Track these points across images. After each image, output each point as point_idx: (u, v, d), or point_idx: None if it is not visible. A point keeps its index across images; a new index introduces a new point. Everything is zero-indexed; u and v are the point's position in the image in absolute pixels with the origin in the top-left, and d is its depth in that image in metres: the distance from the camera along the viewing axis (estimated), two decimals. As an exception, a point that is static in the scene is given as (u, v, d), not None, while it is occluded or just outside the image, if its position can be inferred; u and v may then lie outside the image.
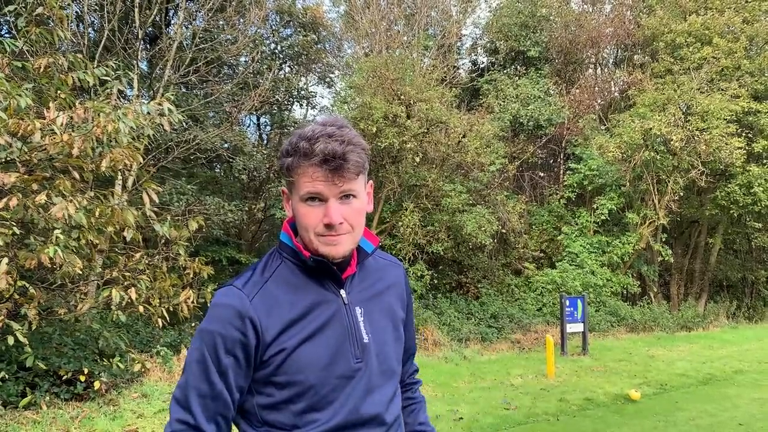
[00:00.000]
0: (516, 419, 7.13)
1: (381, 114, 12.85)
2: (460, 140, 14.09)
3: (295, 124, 16.13)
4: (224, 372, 1.33)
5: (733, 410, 7.74)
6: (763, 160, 18.97)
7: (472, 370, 10.04)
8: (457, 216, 14.06)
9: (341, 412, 1.37)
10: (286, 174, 1.37)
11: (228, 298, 1.35)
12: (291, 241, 1.43)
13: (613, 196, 18.19)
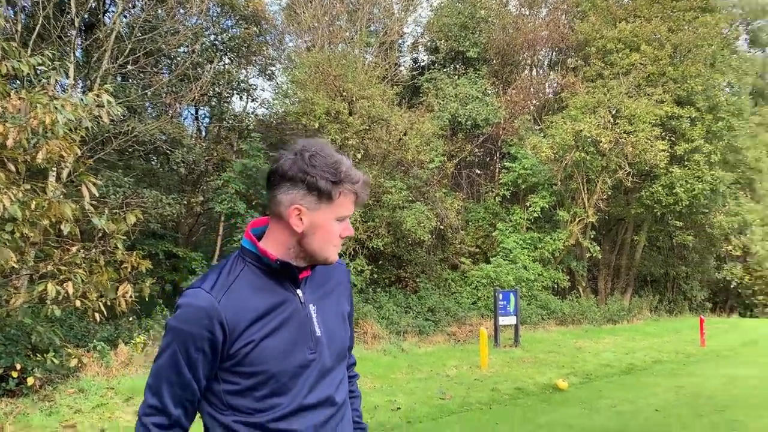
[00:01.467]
0: (451, 408, 7.44)
1: (323, 110, 12.96)
2: (401, 138, 14.36)
3: (235, 117, 15.99)
4: (193, 365, 1.50)
5: (651, 397, 8.31)
6: (685, 162, 20.09)
7: (409, 362, 10.34)
8: (397, 212, 14.32)
9: (299, 397, 1.56)
10: (322, 196, 1.54)
11: (198, 300, 1.51)
12: (255, 247, 1.59)
13: (546, 195, 18.87)
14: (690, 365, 11.29)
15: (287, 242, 1.58)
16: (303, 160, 1.53)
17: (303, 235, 1.56)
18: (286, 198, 1.55)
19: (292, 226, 1.55)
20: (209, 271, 1.61)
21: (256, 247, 1.58)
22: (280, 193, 1.55)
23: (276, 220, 1.60)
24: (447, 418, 7.04)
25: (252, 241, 1.60)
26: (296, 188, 1.53)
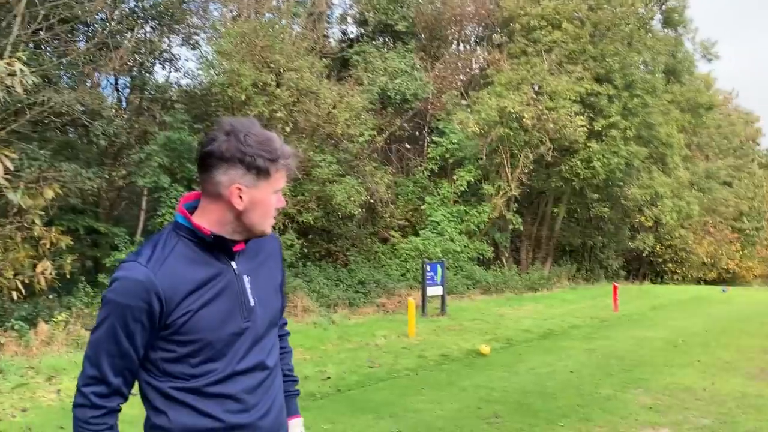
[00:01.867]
0: (379, 376, 7.69)
1: (250, 82, 12.77)
2: (331, 111, 14.34)
3: (158, 88, 15.47)
4: (131, 336, 1.55)
5: (566, 360, 8.84)
6: (602, 138, 21.01)
7: (339, 334, 10.52)
8: (327, 186, 14.37)
9: (232, 363, 1.64)
10: (260, 173, 1.61)
11: (135, 273, 1.55)
12: (189, 222, 1.64)
13: (472, 169, 19.37)
14: (603, 329, 12.04)
15: (225, 219, 1.64)
16: (238, 141, 1.58)
17: (243, 212, 1.62)
18: (226, 178, 1.59)
19: (233, 204, 1.61)
20: (143, 245, 1.65)
21: (190, 221, 1.64)
22: (219, 173, 1.59)
23: (212, 199, 1.63)
24: (375, 385, 7.28)
25: (185, 216, 1.65)
26: (235, 168, 1.58)
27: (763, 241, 37.62)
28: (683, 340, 10.62)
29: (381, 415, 5.92)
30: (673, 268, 30.76)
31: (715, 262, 31.57)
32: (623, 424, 5.63)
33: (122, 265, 1.59)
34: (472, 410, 6.13)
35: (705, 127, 31.31)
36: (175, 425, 1.60)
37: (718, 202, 31.66)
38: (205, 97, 14.97)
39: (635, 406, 6.27)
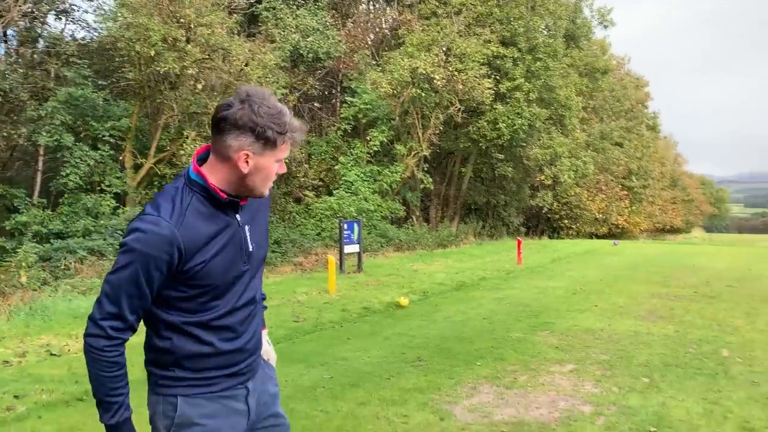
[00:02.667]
0: (306, 329, 7.93)
1: (159, 37, 12.30)
2: (243, 68, 14.07)
3: (56, 41, 14.51)
4: (150, 281, 1.74)
5: (479, 308, 9.44)
6: (507, 100, 21.85)
7: (260, 292, 10.63)
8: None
9: (232, 300, 1.90)
10: (268, 143, 1.77)
11: (160, 228, 1.72)
12: (206, 182, 1.81)
13: (385, 129, 19.65)
14: (510, 280, 12.85)
15: (230, 179, 1.81)
16: (252, 111, 1.73)
17: (247, 175, 1.80)
18: (236, 143, 1.75)
19: (239, 167, 1.78)
20: (160, 200, 1.80)
21: (206, 182, 1.81)
22: (230, 138, 1.75)
23: (221, 159, 1.80)
24: (303, 338, 7.53)
25: (202, 177, 1.82)
26: (245, 136, 1.74)
27: (649, 198, 40.69)
28: (581, 288, 11.57)
29: (311, 364, 6.19)
30: (568, 224, 32.77)
31: (606, 217, 33.86)
32: (533, 362, 6.20)
33: (146, 218, 1.75)
34: (397, 356, 6.52)
35: (600, 91, 33.12)
36: (177, 349, 1.84)
37: (611, 161, 33.83)
38: (109, 52, 14.24)
39: (543, 346, 6.89)
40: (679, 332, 7.56)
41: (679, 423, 4.46)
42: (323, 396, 5.14)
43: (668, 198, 48.10)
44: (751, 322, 8.25)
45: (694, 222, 59.64)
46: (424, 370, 5.91)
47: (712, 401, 4.94)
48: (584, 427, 4.40)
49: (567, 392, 5.21)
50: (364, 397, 5.10)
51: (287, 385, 5.44)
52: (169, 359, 1.85)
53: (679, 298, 10.29)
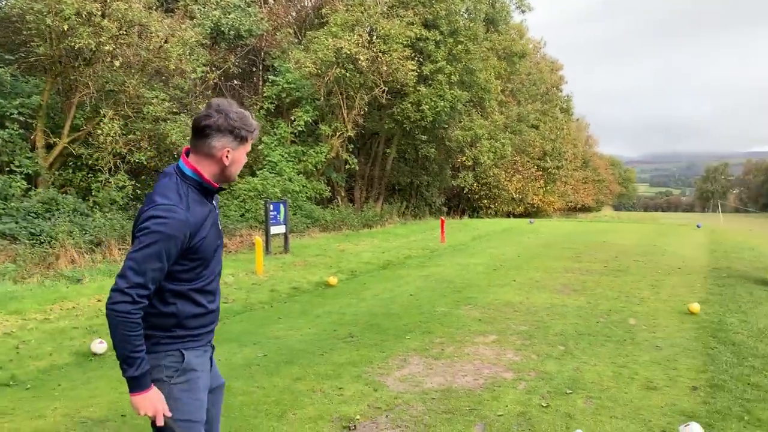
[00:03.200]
0: (235, 310, 7.96)
1: (73, 10, 11.73)
2: (162, 45, 13.64)
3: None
4: (169, 257, 2.19)
5: (405, 285, 9.73)
6: (430, 82, 22.22)
7: (186, 274, 10.49)
8: (160, 124, 13.81)
9: (214, 270, 2.42)
10: (242, 141, 2.33)
11: (179, 214, 2.19)
12: (200, 177, 2.31)
13: (309, 109, 19.56)
14: (434, 258, 13.25)
15: (214, 171, 2.34)
16: (228, 117, 2.27)
17: (227, 167, 2.35)
18: (219, 144, 2.29)
19: (222, 161, 2.32)
20: (166, 191, 2.23)
21: (202, 178, 2.31)
22: (215, 140, 2.28)
23: (204, 157, 2.31)
24: (233, 318, 7.56)
25: (197, 173, 2.31)
26: (226, 137, 2.29)
27: (563, 179, 42.45)
28: (501, 264, 12.10)
29: (244, 343, 6.26)
30: (488, 204, 33.82)
31: (522, 197, 35.16)
32: (459, 334, 6.52)
33: (162, 206, 2.18)
34: (329, 333, 6.69)
35: (518, 74, 34.17)
36: (180, 312, 2.30)
37: (527, 143, 35.04)
38: (15, 25, 13.43)
39: (467, 319, 7.24)
40: (590, 303, 8.12)
41: (591, 385, 4.87)
42: (258, 373, 5.24)
43: (580, 178, 50.38)
44: (656, 293, 8.94)
45: (604, 201, 62.82)
46: (356, 346, 6.11)
47: (621, 365, 5.41)
48: (507, 392, 4.73)
49: (490, 361, 5.55)
50: (299, 373, 5.24)
51: (221, 364, 5.50)
52: (172, 321, 2.30)
53: (590, 272, 10.98)
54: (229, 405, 4.44)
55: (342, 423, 4.14)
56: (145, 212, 2.18)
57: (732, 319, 7.18)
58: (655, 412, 4.30)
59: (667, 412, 4.29)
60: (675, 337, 6.37)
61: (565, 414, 4.26)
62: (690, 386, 4.83)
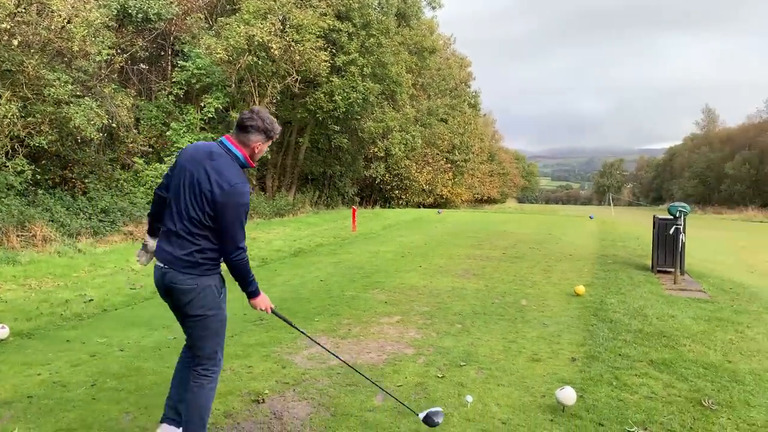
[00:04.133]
0: (144, 295, 7.94)
1: (-35, -17, 11.10)
2: (65, 26, 13.12)
3: None
4: None
5: (316, 272, 10.00)
6: (343, 73, 22.45)
7: (90, 261, 10.26)
8: (62, 108, 13.29)
9: None
10: (271, 137, 3.35)
11: (248, 188, 3.19)
12: (246, 161, 3.28)
13: (220, 96, 19.33)
14: (345, 246, 13.58)
15: (246, 155, 3.30)
16: (263, 121, 3.28)
17: (255, 155, 3.35)
18: (255, 138, 3.29)
19: (254, 150, 3.32)
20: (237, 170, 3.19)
21: (246, 160, 3.28)
22: (252, 136, 3.28)
23: (243, 146, 3.28)
24: (141, 304, 7.56)
25: (244, 155, 3.27)
26: (260, 134, 3.29)
27: (470, 171, 43.93)
28: (408, 251, 12.60)
29: (154, 327, 6.33)
30: (399, 194, 34.56)
31: (432, 188, 36.17)
32: (365, 316, 6.88)
33: (243, 184, 3.16)
34: (239, 317, 6.85)
35: (428, 69, 34.98)
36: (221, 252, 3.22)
37: (436, 136, 36.03)
38: None
39: (374, 302, 7.61)
40: (488, 287, 8.71)
41: (483, 358, 5.35)
42: (169, 354, 5.37)
43: (486, 171, 52.28)
44: (547, 277, 9.68)
45: (508, 193, 65.44)
46: (265, 328, 6.33)
47: (511, 340, 5.93)
48: (407, 365, 5.12)
49: (393, 339, 5.93)
50: (209, 354, 5.40)
51: (131, 347, 5.59)
52: (219, 255, 3.20)
53: (490, 258, 11.67)
54: (140, 385, 4.57)
55: (251, 397, 4.37)
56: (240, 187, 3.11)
57: (612, 299, 7.94)
58: (537, 380, 4.82)
59: (548, 380, 4.80)
60: (561, 315, 7.01)
61: (458, 383, 4.69)
62: (570, 358, 5.40)
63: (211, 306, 3.20)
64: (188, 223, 3.13)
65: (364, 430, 3.81)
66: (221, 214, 3.06)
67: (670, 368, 5.10)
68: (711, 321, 6.86)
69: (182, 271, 3.13)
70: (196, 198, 3.10)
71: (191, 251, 3.12)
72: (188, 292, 3.14)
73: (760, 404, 4.35)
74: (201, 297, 3.16)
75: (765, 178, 55.24)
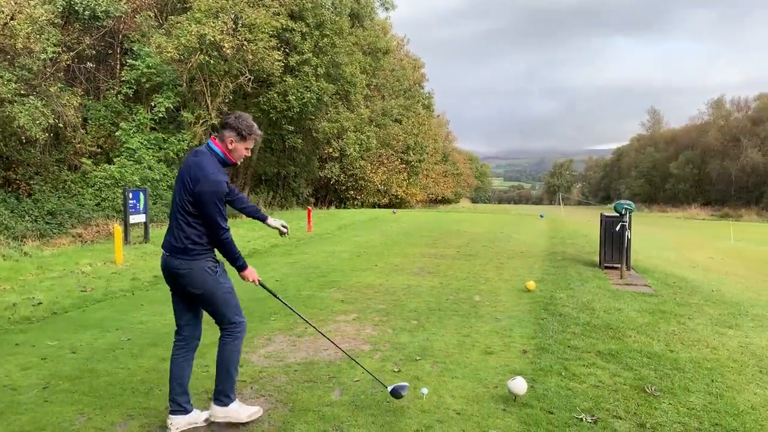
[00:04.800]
0: (95, 298, 7.79)
1: None
2: (8, 22, 12.72)
3: None
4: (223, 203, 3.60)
5: (272, 272, 9.97)
6: (296, 73, 22.38)
7: (38, 264, 9.98)
8: (6, 107, 12.89)
9: None
10: (248, 135, 3.70)
11: (224, 178, 3.58)
12: (226, 158, 3.69)
13: (170, 95, 19.02)
14: (300, 246, 13.57)
15: (224, 151, 3.71)
16: (237, 119, 3.69)
17: (231, 151, 3.71)
18: (227, 134, 3.68)
19: (227, 145, 3.69)
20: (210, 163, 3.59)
21: (226, 156, 3.70)
22: (226, 132, 3.68)
23: (222, 141, 3.69)
24: (93, 306, 7.41)
25: (223, 152, 3.68)
26: (231, 131, 3.68)
27: (424, 172, 44.31)
28: (364, 251, 12.68)
29: (106, 329, 6.23)
30: (354, 195, 34.61)
31: (387, 189, 36.35)
32: (322, 314, 6.93)
33: (215, 174, 3.54)
34: (194, 317, 6.80)
35: (382, 70, 35.15)
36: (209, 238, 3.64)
37: (391, 136, 36.23)
38: None
39: (330, 300, 7.66)
40: (442, 284, 8.87)
41: (438, 352, 5.47)
42: (123, 356, 5.31)
43: (440, 172, 52.81)
44: (499, 274, 9.91)
45: (462, 193, 66.23)
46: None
47: (465, 335, 6.08)
48: (364, 361, 5.19)
49: (350, 336, 6.00)
50: (164, 354, 5.35)
51: (83, 349, 5.50)
52: (206, 240, 3.61)
53: (444, 257, 11.85)
54: (94, 386, 4.52)
55: (208, 396, 4.37)
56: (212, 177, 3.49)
57: (561, 294, 8.20)
58: (490, 372, 4.96)
59: (501, 372, 4.95)
60: (513, 310, 7.21)
61: (414, 377, 4.80)
62: (521, 350, 5.57)
63: (209, 283, 3.66)
64: (178, 215, 3.62)
65: (323, 424, 3.87)
66: (200, 201, 3.50)
67: (616, 358, 5.32)
68: (655, 313, 7.17)
69: (177, 257, 3.61)
70: (182, 190, 3.59)
71: (181, 238, 3.60)
72: (184, 275, 3.61)
73: (699, 390, 4.59)
74: (196, 278, 3.62)
75: (706, 177, 57.53)
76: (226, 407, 3.87)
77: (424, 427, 3.82)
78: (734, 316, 7.22)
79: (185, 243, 3.58)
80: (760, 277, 12.08)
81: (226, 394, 3.88)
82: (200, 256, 3.61)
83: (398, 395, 4.14)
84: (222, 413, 3.88)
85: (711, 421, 4.00)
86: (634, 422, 3.96)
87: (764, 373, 5.07)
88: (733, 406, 4.28)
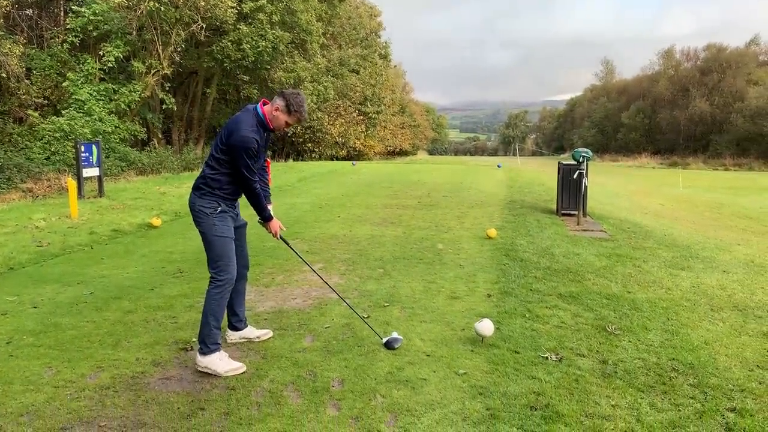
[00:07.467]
0: (53, 252, 7.59)
1: None
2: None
3: None
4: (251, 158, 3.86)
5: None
6: (251, 21, 21.70)
7: (-13, 220, 9.65)
8: (-58, 54, 12.16)
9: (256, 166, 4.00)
10: (295, 112, 3.92)
11: (254, 134, 3.79)
12: (264, 117, 3.90)
13: (120, 44, 18.25)
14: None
15: (269, 117, 3.95)
16: (293, 95, 3.91)
17: (273, 116, 3.94)
18: (278, 102, 3.91)
19: (273, 111, 3.92)
20: (249, 122, 3.82)
21: (267, 122, 3.92)
22: (278, 99, 3.93)
23: (270, 105, 3.94)
24: (51, 261, 7.23)
25: (264, 114, 3.90)
26: (282, 101, 3.90)
27: (382, 123, 44.04)
28: (326, 203, 12.65)
29: (68, 283, 6.11)
30: (311, 147, 34.24)
31: (345, 141, 36.06)
32: (288, 264, 6.93)
33: (246, 131, 3.76)
34: (158, 270, 6.73)
35: (338, 18, 34.38)
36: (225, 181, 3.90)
37: (348, 87, 35.75)
38: None
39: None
40: (406, 233, 8.95)
41: (405, 298, 5.57)
42: (87, 309, 5.23)
43: (398, 123, 52.61)
44: (461, 223, 10.05)
45: (419, 145, 66.27)
46: (186, 280, 6.26)
47: (430, 281, 6.19)
48: (333, 309, 5.25)
49: (318, 285, 6.03)
50: (129, 307, 5.31)
51: (45, 304, 5.40)
52: (217, 184, 3.86)
53: (406, 207, 11.93)
54: (59, 339, 4.46)
55: (179, 346, 4.37)
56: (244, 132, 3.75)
57: (522, 241, 8.39)
58: (456, 315, 5.08)
59: (467, 315, 5.08)
60: (475, 257, 7.35)
61: (383, 322, 4.88)
62: (486, 294, 5.71)
63: (203, 223, 3.89)
64: (209, 157, 3.95)
65: (296, 369, 3.92)
66: (231, 153, 3.77)
67: (576, 300, 5.52)
68: (611, 257, 7.42)
69: (192, 193, 3.95)
70: (219, 137, 3.91)
71: (199, 176, 3.96)
72: (191, 209, 3.95)
73: (655, 328, 4.81)
74: (196, 214, 3.91)
75: (657, 127, 58.87)
76: (204, 356, 3.89)
77: (396, 369, 3.91)
78: (686, 259, 7.54)
79: (199, 182, 3.90)
80: (708, 222, 12.57)
81: (204, 342, 3.89)
82: (205, 196, 3.87)
83: (392, 347, 4.28)
84: (202, 362, 3.89)
85: (668, 356, 4.21)
86: (596, 359, 4.13)
87: (715, 311, 5.34)
88: (687, 342, 4.50)
